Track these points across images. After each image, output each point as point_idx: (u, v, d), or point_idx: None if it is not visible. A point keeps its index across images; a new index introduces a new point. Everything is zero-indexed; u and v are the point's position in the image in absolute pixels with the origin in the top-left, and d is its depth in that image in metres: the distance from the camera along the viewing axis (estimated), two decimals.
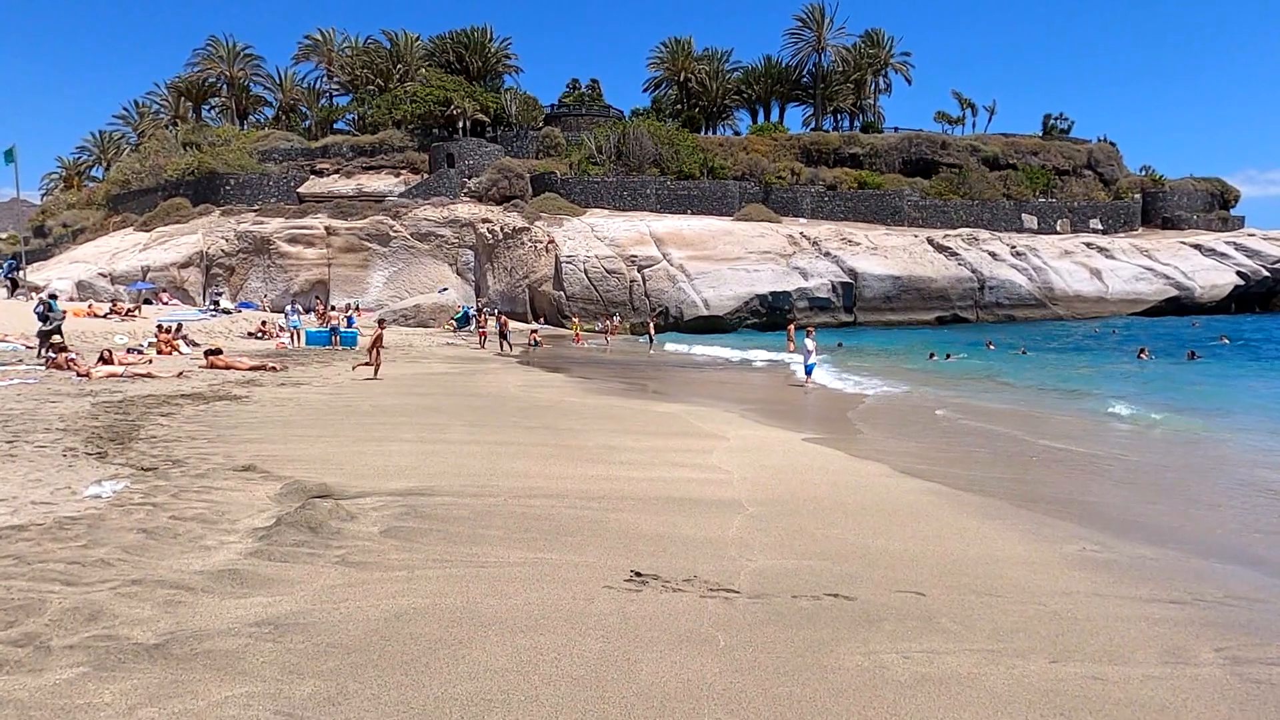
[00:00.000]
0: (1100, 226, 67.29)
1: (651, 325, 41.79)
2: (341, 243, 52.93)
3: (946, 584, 5.11)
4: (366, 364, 18.31)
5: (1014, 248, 59.45)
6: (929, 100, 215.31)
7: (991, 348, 33.08)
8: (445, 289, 51.51)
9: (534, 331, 39.77)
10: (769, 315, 49.67)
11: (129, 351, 20.89)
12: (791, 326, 27.40)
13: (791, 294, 50.76)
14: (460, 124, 62.68)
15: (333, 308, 40.93)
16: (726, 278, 50.23)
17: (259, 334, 30.40)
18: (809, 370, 20.78)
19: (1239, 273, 61.96)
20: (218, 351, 19.69)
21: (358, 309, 48.80)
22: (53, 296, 23.80)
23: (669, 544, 5.66)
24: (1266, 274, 63.02)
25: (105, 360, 17.61)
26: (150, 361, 19.59)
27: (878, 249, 55.14)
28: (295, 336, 28.70)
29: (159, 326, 25.70)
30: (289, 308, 31.78)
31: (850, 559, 5.53)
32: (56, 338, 19.63)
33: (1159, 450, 11.54)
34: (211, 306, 42.78)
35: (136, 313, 34.39)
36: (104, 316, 32.31)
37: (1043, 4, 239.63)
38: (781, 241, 53.61)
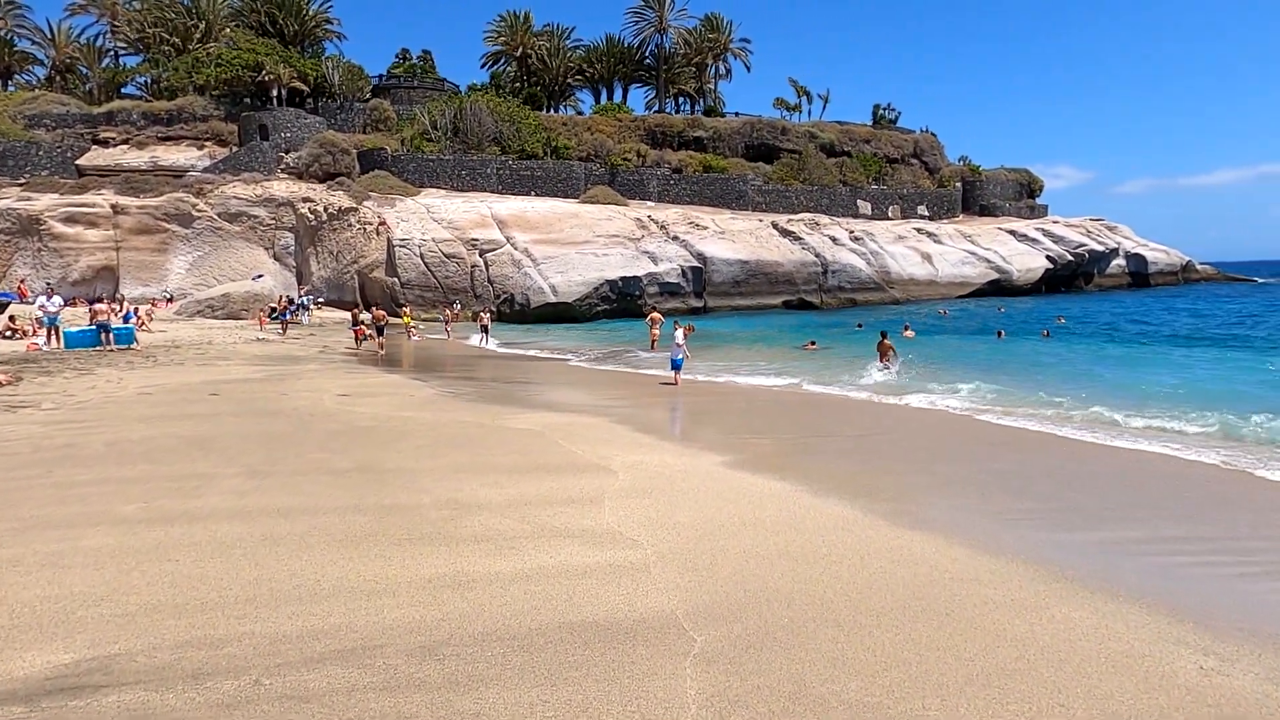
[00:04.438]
0: (927, 213, 70.23)
1: (486, 316, 33.71)
2: (133, 223, 45.87)
3: None
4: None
5: (853, 232, 60.48)
6: (768, 88, 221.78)
7: (860, 327, 33.14)
8: (260, 275, 45.69)
9: (363, 325, 34.02)
10: (620, 301, 47.50)
11: None
12: (655, 314, 25.18)
13: (642, 279, 48.75)
14: (275, 92, 56.10)
15: (100, 299, 33.22)
16: (575, 263, 47.48)
17: (6, 333, 24.58)
18: (676, 365, 18.72)
19: (1048, 257, 66.55)
20: None
21: (165, 300, 42.40)
22: None
23: None
24: (1070, 258, 68.24)
25: None
26: None
27: (725, 233, 54.23)
28: (53, 335, 23.23)
29: None
30: (44, 299, 25.85)
31: None
32: None
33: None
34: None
35: None
36: None
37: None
38: (630, 225, 51.55)
